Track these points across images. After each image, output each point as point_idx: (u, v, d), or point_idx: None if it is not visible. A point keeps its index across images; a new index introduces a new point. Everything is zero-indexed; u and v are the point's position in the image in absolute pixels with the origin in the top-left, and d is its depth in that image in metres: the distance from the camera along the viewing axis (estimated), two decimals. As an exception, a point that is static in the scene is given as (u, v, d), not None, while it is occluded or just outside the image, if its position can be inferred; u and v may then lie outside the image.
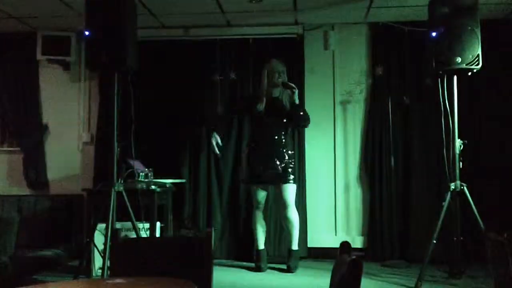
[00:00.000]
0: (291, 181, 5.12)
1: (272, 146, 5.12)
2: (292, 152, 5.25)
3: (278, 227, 5.63)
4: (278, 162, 5.08)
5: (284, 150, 5.13)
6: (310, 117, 5.18)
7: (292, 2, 5.31)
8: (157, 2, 5.26)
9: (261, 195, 5.18)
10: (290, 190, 5.14)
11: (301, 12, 5.59)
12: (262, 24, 5.88)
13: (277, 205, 5.37)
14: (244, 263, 5.46)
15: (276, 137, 5.13)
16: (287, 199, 5.12)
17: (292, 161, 5.17)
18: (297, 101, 5.09)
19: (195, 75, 5.96)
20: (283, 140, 5.16)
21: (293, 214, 5.18)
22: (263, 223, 5.26)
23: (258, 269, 5.10)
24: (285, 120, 5.17)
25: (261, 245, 5.20)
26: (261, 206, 5.20)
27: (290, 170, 5.12)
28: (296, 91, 5.08)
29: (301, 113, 5.12)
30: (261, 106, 5.14)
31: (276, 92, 5.21)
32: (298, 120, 5.16)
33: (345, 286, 1.84)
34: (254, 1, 5.22)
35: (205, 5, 5.31)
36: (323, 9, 5.50)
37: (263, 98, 5.17)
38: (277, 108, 5.15)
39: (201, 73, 5.97)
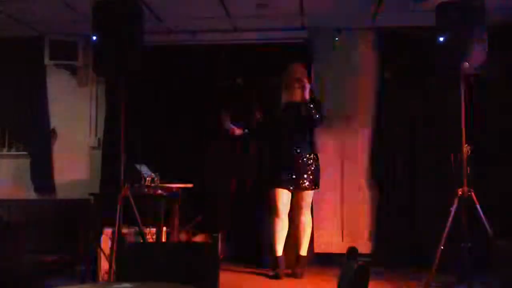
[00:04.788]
0: (310, 188, 5.09)
1: (292, 150, 5.08)
2: (312, 156, 5.14)
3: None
4: (300, 166, 5.04)
5: (307, 153, 5.10)
6: (323, 114, 5.12)
7: (299, 7, 5.31)
8: (164, 7, 5.27)
9: (283, 200, 5.07)
10: (308, 195, 5.12)
11: (308, 16, 5.59)
12: (269, 29, 5.89)
13: (291, 208, 5.30)
14: (251, 268, 5.45)
15: (299, 141, 5.10)
16: (303, 204, 5.11)
17: (312, 166, 5.10)
18: (306, 97, 5.05)
19: (202, 80, 5.97)
20: (306, 143, 5.13)
21: (307, 220, 5.17)
22: (284, 230, 5.10)
23: (276, 276, 5.00)
24: (305, 123, 5.12)
25: (280, 252, 5.10)
26: (282, 211, 5.06)
27: (310, 175, 5.07)
28: (308, 87, 5.04)
29: (313, 111, 5.04)
30: (279, 111, 5.13)
31: (296, 96, 5.15)
32: (312, 119, 5.09)
33: (352, 292, 1.83)
34: (260, 6, 5.22)
35: (212, 10, 5.32)
36: (330, 14, 5.50)
37: (282, 103, 5.15)
38: (295, 112, 5.10)
39: (207, 78, 5.98)
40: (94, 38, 4.26)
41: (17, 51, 6.15)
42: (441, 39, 4.40)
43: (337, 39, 5.93)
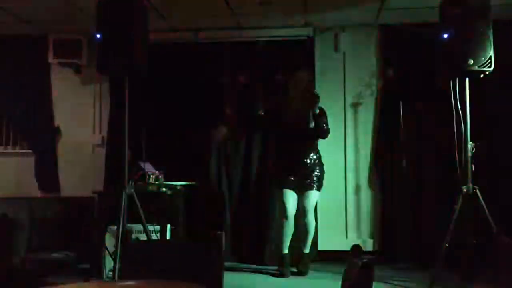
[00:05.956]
0: (314, 188, 5.12)
1: (297, 154, 5.11)
2: (317, 159, 5.18)
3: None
4: (302, 170, 5.08)
5: (308, 158, 5.12)
6: (329, 128, 5.15)
7: (302, 4, 5.31)
8: (167, 5, 5.27)
9: (290, 201, 5.10)
10: (312, 197, 5.15)
11: (312, 14, 5.59)
12: (272, 27, 5.88)
13: (297, 208, 5.30)
14: (254, 266, 5.46)
15: (304, 144, 5.13)
16: (307, 205, 5.13)
17: (316, 168, 5.14)
18: (317, 111, 5.07)
19: (205, 78, 5.97)
20: (307, 149, 5.15)
21: (310, 220, 5.19)
22: (291, 230, 5.14)
23: (281, 274, 5.04)
24: (311, 129, 5.13)
25: (285, 250, 5.14)
26: (289, 212, 5.10)
27: (314, 177, 5.11)
28: (318, 101, 5.06)
29: (322, 124, 5.07)
30: (286, 117, 5.14)
31: (305, 106, 5.13)
32: (319, 133, 5.12)
33: (357, 290, 1.83)
34: (264, 4, 5.22)
35: (215, 8, 5.32)
36: (333, 11, 5.49)
37: (289, 109, 5.16)
38: (302, 119, 5.10)
39: (211, 76, 5.97)
40: (98, 36, 4.27)
41: (21, 49, 6.16)
42: (445, 36, 4.39)
43: (340, 34, 5.92)
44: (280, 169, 5.19)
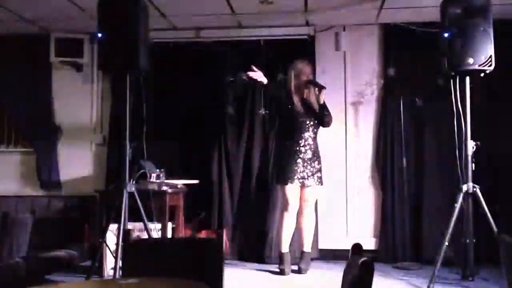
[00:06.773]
0: (318, 183, 5.13)
1: (303, 146, 5.11)
2: (317, 153, 5.20)
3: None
4: (308, 162, 5.09)
5: (314, 150, 5.14)
6: (331, 116, 5.19)
7: (303, 3, 5.31)
8: (168, 4, 5.28)
9: (292, 195, 5.09)
10: (314, 191, 5.15)
11: (312, 13, 5.59)
12: (273, 26, 5.89)
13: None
14: (256, 264, 5.47)
15: (306, 138, 5.13)
16: (309, 199, 5.14)
17: (318, 163, 5.16)
18: (321, 101, 5.09)
19: (206, 77, 5.97)
20: (313, 141, 5.17)
21: (311, 216, 5.20)
22: (292, 226, 5.13)
23: (281, 272, 5.02)
24: (313, 121, 5.17)
25: (286, 248, 5.12)
26: (292, 207, 5.08)
27: (317, 171, 5.12)
28: (324, 90, 5.08)
29: (326, 113, 5.11)
30: (298, 107, 5.14)
31: (304, 93, 5.19)
32: (326, 121, 5.14)
33: (356, 288, 1.84)
34: (265, 3, 5.22)
35: (216, 7, 5.33)
36: (334, 10, 5.50)
37: (295, 99, 5.16)
38: (307, 108, 5.15)
39: (212, 75, 5.98)
40: (100, 35, 4.28)
41: (23, 48, 6.16)
42: (446, 35, 4.39)
43: (341, 33, 5.92)
44: (283, 163, 5.17)
